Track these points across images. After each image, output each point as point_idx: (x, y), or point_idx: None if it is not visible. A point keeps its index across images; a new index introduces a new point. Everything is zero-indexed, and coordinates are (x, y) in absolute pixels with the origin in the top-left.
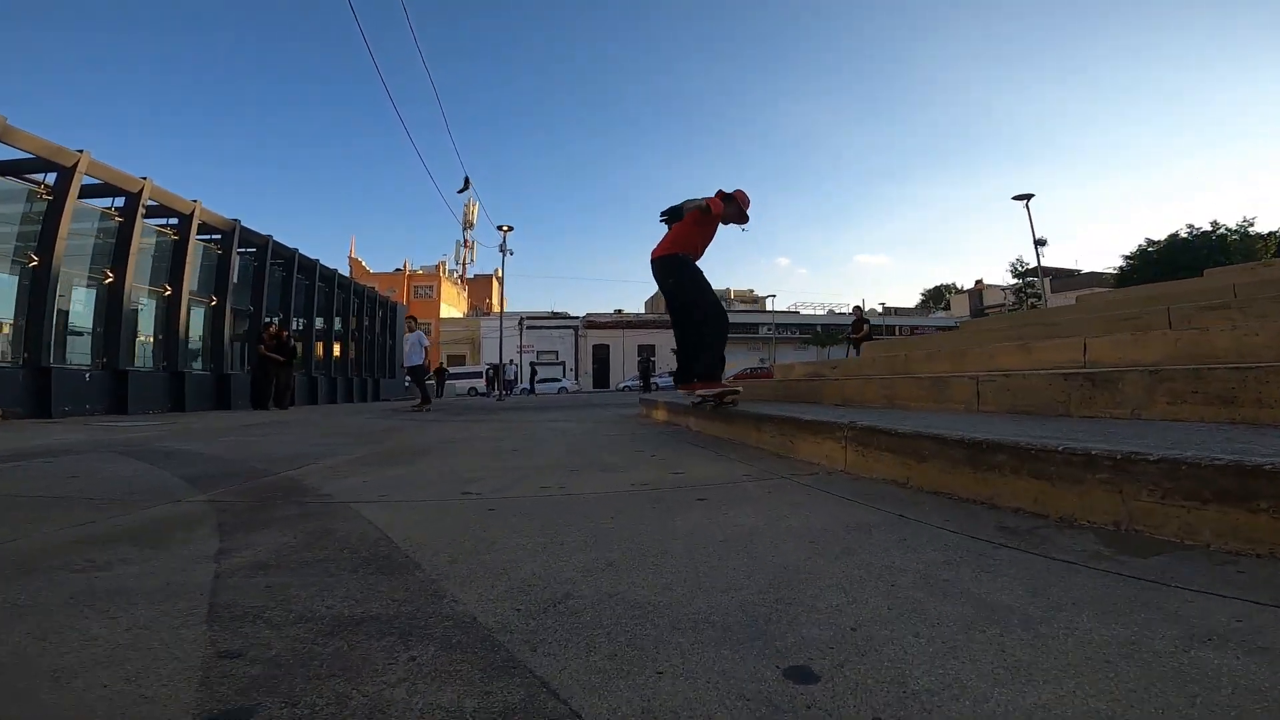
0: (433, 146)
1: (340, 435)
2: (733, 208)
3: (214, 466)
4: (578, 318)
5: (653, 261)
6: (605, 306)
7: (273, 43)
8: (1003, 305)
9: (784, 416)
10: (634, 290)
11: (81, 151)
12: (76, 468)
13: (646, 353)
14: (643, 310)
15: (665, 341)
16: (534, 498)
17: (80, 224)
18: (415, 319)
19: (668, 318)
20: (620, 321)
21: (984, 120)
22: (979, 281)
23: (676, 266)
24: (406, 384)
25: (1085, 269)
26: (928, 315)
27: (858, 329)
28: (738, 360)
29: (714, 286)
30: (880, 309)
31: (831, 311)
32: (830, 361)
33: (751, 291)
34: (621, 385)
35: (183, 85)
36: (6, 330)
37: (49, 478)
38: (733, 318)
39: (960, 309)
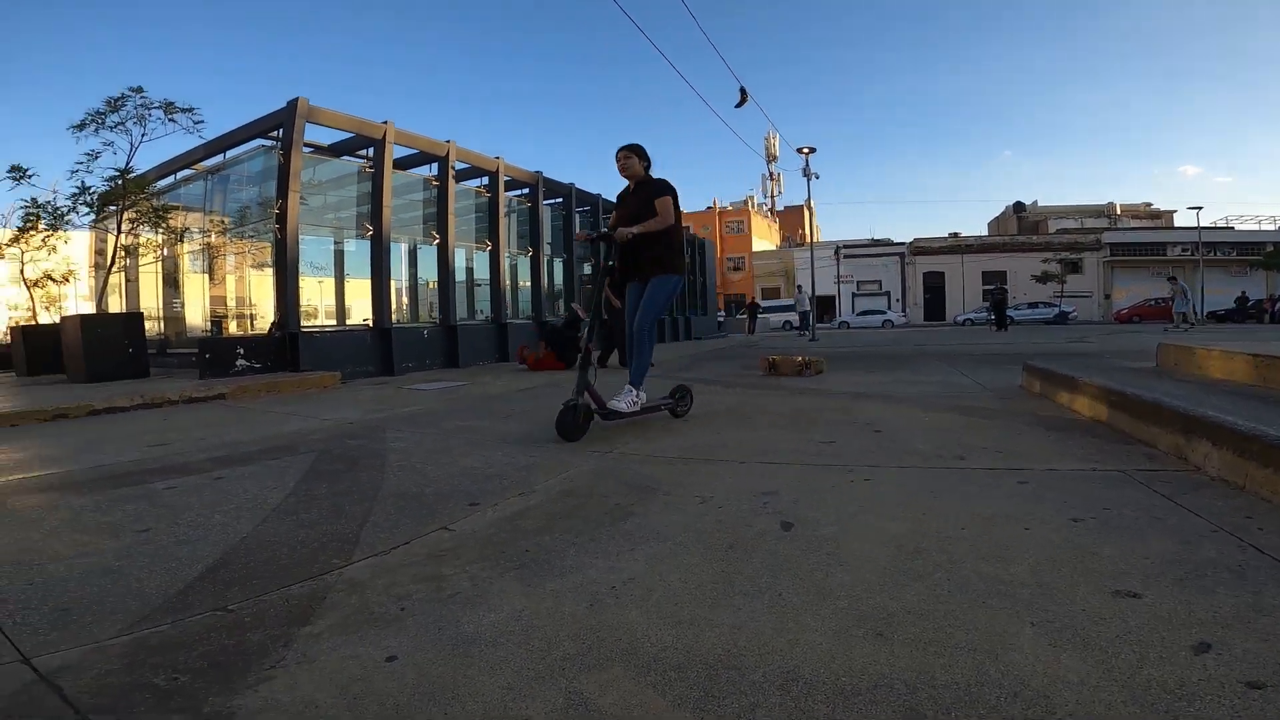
0: (721, 80)
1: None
2: None
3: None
4: (903, 244)
5: None
6: (937, 231)
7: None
8: None
9: None
10: (972, 212)
11: (386, 122)
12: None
13: (996, 280)
14: (985, 232)
15: (1020, 267)
16: None
17: (409, 193)
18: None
19: (1020, 239)
20: (956, 246)
21: None
22: None
23: None
24: (720, 319)
25: None
26: None
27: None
28: (1133, 286)
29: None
30: None
31: None
32: None
33: (1148, 205)
34: (961, 318)
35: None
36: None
37: None
38: (1122, 237)
39: None
